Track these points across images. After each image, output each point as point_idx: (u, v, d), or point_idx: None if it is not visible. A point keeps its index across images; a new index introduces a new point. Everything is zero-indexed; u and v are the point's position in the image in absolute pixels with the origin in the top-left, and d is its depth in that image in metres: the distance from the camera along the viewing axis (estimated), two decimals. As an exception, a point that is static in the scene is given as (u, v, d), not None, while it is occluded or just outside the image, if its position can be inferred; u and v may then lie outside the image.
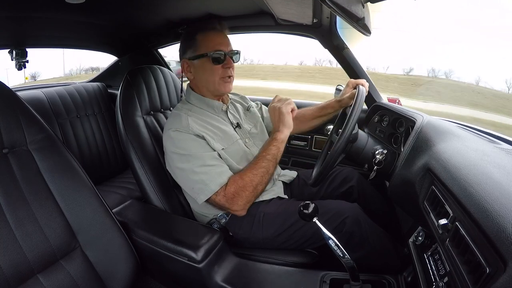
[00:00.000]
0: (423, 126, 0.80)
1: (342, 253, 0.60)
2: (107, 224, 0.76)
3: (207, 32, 0.93)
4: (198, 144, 0.87)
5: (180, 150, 0.86)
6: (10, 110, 0.70)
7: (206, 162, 0.86)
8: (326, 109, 1.12)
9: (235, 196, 0.84)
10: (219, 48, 0.91)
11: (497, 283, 0.34)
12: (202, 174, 0.85)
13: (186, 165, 0.86)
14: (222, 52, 0.91)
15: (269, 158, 0.88)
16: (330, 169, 0.82)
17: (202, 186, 0.85)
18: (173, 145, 0.87)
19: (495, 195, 0.42)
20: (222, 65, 0.92)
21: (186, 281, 0.85)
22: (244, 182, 0.85)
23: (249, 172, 0.87)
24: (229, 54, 0.93)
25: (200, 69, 0.94)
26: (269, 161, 0.88)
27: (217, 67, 0.92)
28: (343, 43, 1.21)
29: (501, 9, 16.83)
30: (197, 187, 0.86)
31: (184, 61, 0.97)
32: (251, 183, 0.85)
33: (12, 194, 0.65)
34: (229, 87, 0.97)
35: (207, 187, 0.84)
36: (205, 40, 0.92)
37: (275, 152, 0.90)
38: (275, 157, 0.90)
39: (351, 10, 0.57)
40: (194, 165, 0.85)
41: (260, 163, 0.88)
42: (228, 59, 0.93)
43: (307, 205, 0.62)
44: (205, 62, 0.92)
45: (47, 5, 0.96)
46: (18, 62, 1.40)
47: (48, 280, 0.66)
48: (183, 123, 0.88)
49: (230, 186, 0.85)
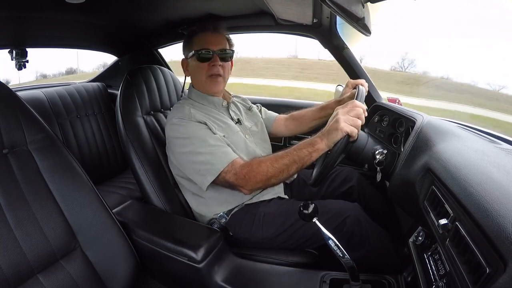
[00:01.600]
0: (423, 126, 0.80)
1: (342, 253, 0.60)
2: (107, 224, 0.76)
3: (200, 33, 0.97)
4: (200, 128, 0.88)
5: (183, 134, 0.87)
6: (10, 110, 0.70)
7: (209, 142, 0.85)
8: (326, 110, 1.12)
9: (245, 177, 0.81)
10: (206, 47, 0.93)
11: (497, 283, 0.34)
12: (207, 154, 0.84)
13: (190, 148, 0.86)
14: (209, 50, 0.93)
15: (295, 159, 0.79)
16: (330, 169, 0.82)
17: (209, 166, 0.83)
18: (176, 131, 0.89)
19: (495, 195, 0.42)
20: (208, 63, 0.94)
21: (186, 281, 0.85)
22: (260, 169, 0.80)
23: (269, 162, 0.81)
24: (217, 52, 0.94)
25: (192, 68, 0.99)
26: (295, 162, 0.79)
27: (203, 65, 0.95)
28: (343, 43, 1.21)
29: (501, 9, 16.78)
30: (203, 168, 0.84)
31: (183, 61, 1.02)
32: (266, 173, 0.80)
33: (12, 194, 0.65)
34: (216, 86, 0.98)
35: (214, 167, 0.83)
36: (197, 40, 0.96)
37: (304, 157, 0.79)
38: (303, 161, 0.79)
39: (351, 10, 0.57)
40: (198, 147, 0.85)
41: (284, 159, 0.80)
42: (215, 57, 0.94)
43: (307, 205, 0.62)
44: (194, 61, 0.96)
45: (47, 5, 0.96)
46: (18, 62, 1.40)
47: (48, 280, 0.66)
48: (185, 112, 0.90)
49: (244, 167, 0.82)
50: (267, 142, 1.14)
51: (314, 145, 0.78)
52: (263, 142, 1.11)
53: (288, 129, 1.22)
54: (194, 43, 0.96)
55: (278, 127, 1.22)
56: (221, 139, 0.90)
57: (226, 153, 0.85)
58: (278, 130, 1.22)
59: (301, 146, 0.80)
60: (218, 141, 0.88)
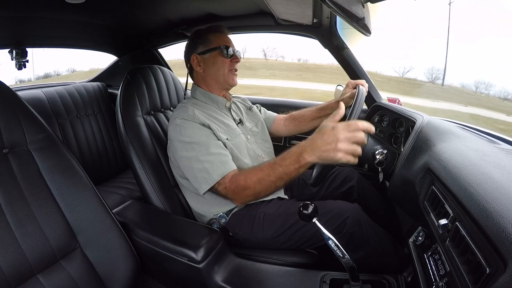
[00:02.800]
0: (423, 126, 0.80)
1: (342, 253, 0.60)
2: (107, 224, 0.76)
3: (217, 33, 1.02)
4: (203, 132, 0.89)
5: (186, 138, 0.87)
6: (10, 110, 0.69)
7: (210, 150, 0.86)
8: (326, 110, 1.12)
9: (234, 191, 0.83)
10: (228, 45, 1.00)
11: (497, 283, 0.34)
12: (206, 162, 0.84)
13: (191, 153, 0.86)
14: (231, 48, 1.00)
15: (282, 176, 0.75)
16: (330, 169, 0.82)
17: (205, 175, 0.84)
18: (179, 133, 0.89)
19: (495, 195, 0.42)
20: (231, 59, 1.00)
21: (186, 281, 0.85)
22: (247, 184, 0.80)
23: (255, 178, 0.79)
24: (236, 51, 1.02)
25: (211, 62, 1.00)
26: (281, 178, 0.76)
27: (227, 60, 1.00)
28: (343, 43, 1.21)
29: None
30: (200, 176, 0.85)
31: (194, 56, 1.01)
32: (254, 189, 0.79)
33: (12, 194, 0.65)
34: (235, 80, 1.03)
35: (210, 176, 0.84)
36: (216, 38, 1.00)
37: (291, 173, 0.74)
38: (290, 176, 0.75)
39: (351, 10, 0.57)
40: (199, 153, 0.85)
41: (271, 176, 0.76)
42: (235, 55, 1.01)
43: (307, 206, 0.62)
44: (217, 55, 0.99)
45: (47, 5, 0.96)
46: (18, 62, 1.40)
47: (48, 280, 0.65)
48: (189, 113, 0.91)
49: (232, 183, 0.82)
50: (268, 142, 1.14)
51: (301, 161, 0.71)
52: (264, 141, 1.11)
53: (288, 129, 1.22)
54: (212, 40, 0.99)
55: (278, 127, 1.23)
56: (223, 145, 0.90)
57: (224, 164, 0.85)
58: (277, 130, 1.23)
59: (287, 163, 0.74)
60: (219, 149, 0.87)
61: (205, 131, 0.89)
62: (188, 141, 0.87)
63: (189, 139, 0.87)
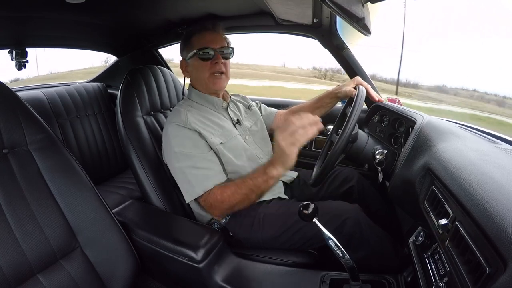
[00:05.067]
0: (423, 126, 0.80)
1: (342, 253, 0.60)
2: (107, 224, 0.76)
3: (198, 33, 0.97)
4: (192, 143, 0.88)
5: (175, 147, 0.88)
6: (10, 110, 0.69)
7: (196, 164, 0.87)
8: (323, 99, 1.13)
9: (212, 206, 0.86)
10: (207, 46, 0.94)
11: (497, 283, 0.34)
12: (190, 175, 0.87)
13: (178, 163, 0.88)
14: (210, 48, 0.94)
15: (252, 188, 0.82)
16: (330, 169, 0.82)
17: (189, 187, 0.87)
18: (169, 141, 0.90)
19: (495, 195, 0.42)
20: (210, 62, 0.94)
21: (186, 281, 0.85)
22: (223, 198, 0.84)
23: (230, 191, 0.84)
24: (218, 50, 0.95)
25: (193, 68, 0.98)
26: (252, 191, 0.82)
27: (205, 64, 0.95)
28: (343, 43, 1.21)
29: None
30: (184, 187, 0.89)
31: (182, 62, 1.02)
32: (229, 202, 0.84)
33: (12, 194, 0.65)
34: (219, 83, 0.98)
35: (193, 190, 0.86)
36: (196, 40, 0.96)
37: (261, 185, 0.81)
38: (260, 189, 0.82)
39: (351, 10, 0.57)
40: (184, 166, 0.87)
41: (243, 189, 0.83)
42: (217, 55, 0.94)
43: (307, 206, 0.62)
44: (195, 60, 0.96)
45: (47, 5, 0.96)
46: (18, 62, 1.40)
47: (48, 280, 0.66)
48: (182, 117, 0.90)
49: (209, 197, 0.85)
50: (267, 141, 1.13)
51: (268, 173, 0.79)
52: (263, 141, 1.11)
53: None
54: (193, 43, 0.96)
55: (279, 122, 1.22)
56: (214, 154, 0.90)
57: (207, 178, 0.86)
58: (279, 125, 1.22)
59: (256, 175, 0.82)
60: (205, 162, 0.88)
61: (195, 139, 0.89)
62: (177, 151, 0.88)
63: (177, 148, 0.87)
